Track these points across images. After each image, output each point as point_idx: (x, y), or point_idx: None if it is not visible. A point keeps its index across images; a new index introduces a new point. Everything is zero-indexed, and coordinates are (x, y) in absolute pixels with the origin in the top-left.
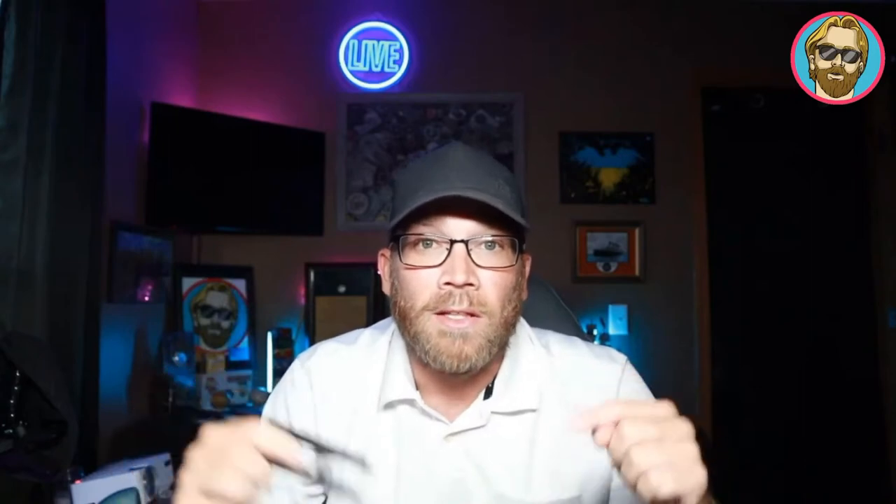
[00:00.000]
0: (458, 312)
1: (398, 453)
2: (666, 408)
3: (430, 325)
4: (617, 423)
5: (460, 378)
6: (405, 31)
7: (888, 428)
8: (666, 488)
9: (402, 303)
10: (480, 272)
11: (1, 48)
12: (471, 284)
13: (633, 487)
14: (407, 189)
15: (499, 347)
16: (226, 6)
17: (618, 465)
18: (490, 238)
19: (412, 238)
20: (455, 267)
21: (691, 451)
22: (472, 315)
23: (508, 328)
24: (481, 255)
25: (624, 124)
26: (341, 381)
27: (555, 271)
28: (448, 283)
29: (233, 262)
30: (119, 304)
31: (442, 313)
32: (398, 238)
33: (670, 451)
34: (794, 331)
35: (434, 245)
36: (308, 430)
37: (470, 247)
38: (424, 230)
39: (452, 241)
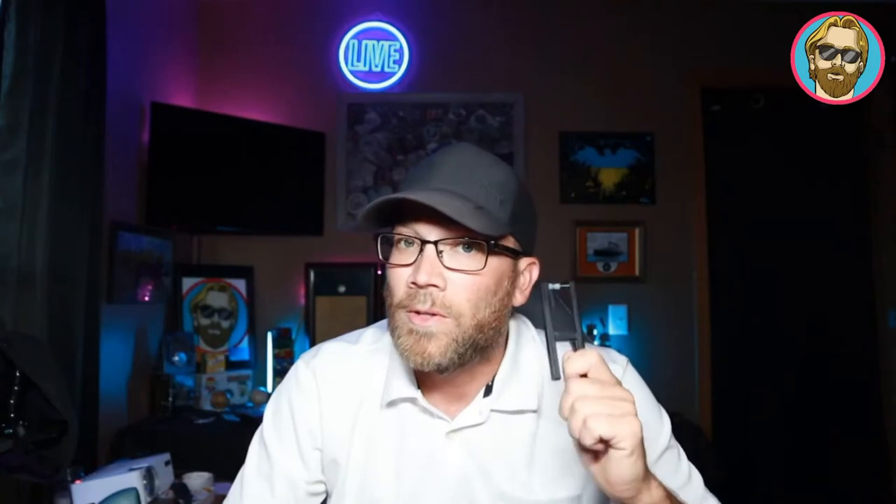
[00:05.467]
0: (424, 312)
1: (400, 451)
2: (614, 378)
3: (402, 321)
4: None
5: (443, 375)
6: (405, 31)
7: (888, 428)
8: (600, 430)
9: (387, 299)
10: (450, 274)
11: (1, 48)
12: (434, 286)
13: (578, 437)
14: (402, 186)
15: (472, 349)
16: (226, 6)
17: (565, 418)
18: (464, 240)
19: (394, 237)
20: (420, 268)
21: (629, 407)
22: (439, 315)
23: (483, 330)
24: (456, 256)
25: (624, 124)
26: (345, 381)
27: (555, 271)
28: (414, 283)
29: (233, 262)
30: (119, 304)
31: (412, 311)
32: (377, 237)
33: (609, 404)
34: (793, 331)
35: (415, 244)
36: (313, 429)
37: (441, 248)
38: (402, 230)
39: (423, 242)
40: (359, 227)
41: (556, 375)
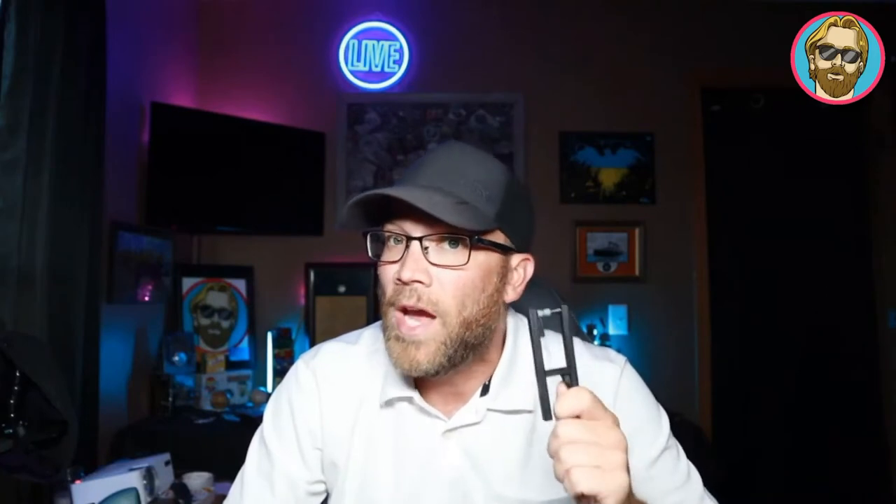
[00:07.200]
0: (412, 311)
1: (398, 451)
2: (608, 417)
3: (390, 323)
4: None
5: (436, 378)
6: (405, 31)
7: (888, 428)
8: (582, 486)
9: (380, 297)
10: (435, 270)
11: (1, 48)
12: (419, 282)
13: (562, 482)
14: (395, 185)
15: (462, 348)
16: (226, 6)
17: (552, 457)
18: (447, 236)
19: (384, 235)
20: (405, 264)
21: (618, 458)
22: (424, 314)
23: (471, 328)
24: (442, 252)
25: (624, 124)
26: (345, 381)
27: (555, 271)
28: (399, 279)
29: (233, 262)
30: (119, 304)
31: (400, 309)
32: (366, 235)
33: (597, 454)
34: (793, 331)
35: (402, 241)
36: (313, 429)
37: (427, 244)
38: (389, 227)
39: (408, 238)
40: (348, 223)
41: (546, 416)
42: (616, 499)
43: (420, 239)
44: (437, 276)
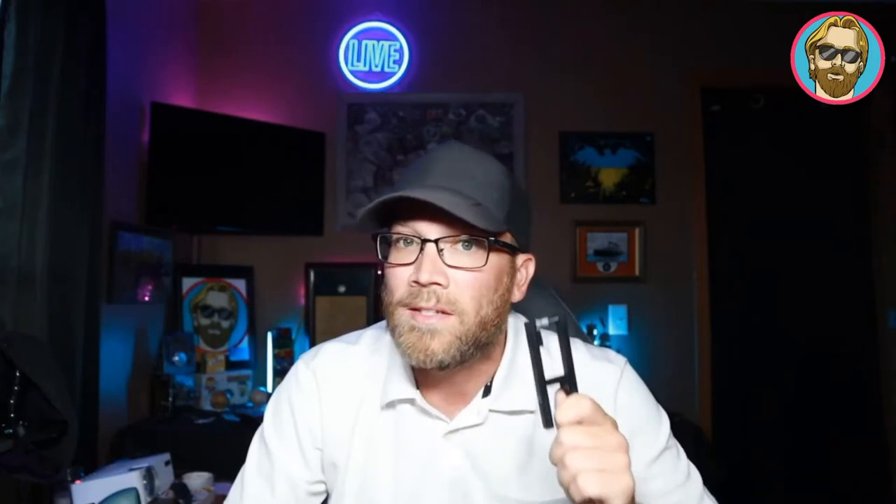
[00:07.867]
0: (428, 309)
1: (399, 452)
2: (608, 421)
3: (402, 318)
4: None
5: (444, 373)
6: (405, 31)
7: (888, 428)
8: (590, 490)
9: (385, 298)
10: (451, 272)
11: (1, 48)
12: (437, 284)
13: (567, 490)
14: (396, 186)
15: (474, 347)
16: (226, 6)
17: (555, 465)
18: (464, 238)
19: (392, 237)
20: (422, 266)
21: (621, 460)
22: (443, 312)
23: (486, 328)
24: (456, 254)
25: (624, 124)
26: (345, 382)
27: (555, 271)
28: (416, 282)
29: (233, 262)
30: (119, 304)
31: (414, 309)
32: (376, 237)
33: (601, 458)
34: (793, 331)
35: (415, 243)
36: (314, 429)
37: (442, 246)
38: (401, 229)
39: (424, 241)
40: (360, 226)
41: (547, 424)
42: (623, 500)
43: (436, 241)
44: (453, 278)
